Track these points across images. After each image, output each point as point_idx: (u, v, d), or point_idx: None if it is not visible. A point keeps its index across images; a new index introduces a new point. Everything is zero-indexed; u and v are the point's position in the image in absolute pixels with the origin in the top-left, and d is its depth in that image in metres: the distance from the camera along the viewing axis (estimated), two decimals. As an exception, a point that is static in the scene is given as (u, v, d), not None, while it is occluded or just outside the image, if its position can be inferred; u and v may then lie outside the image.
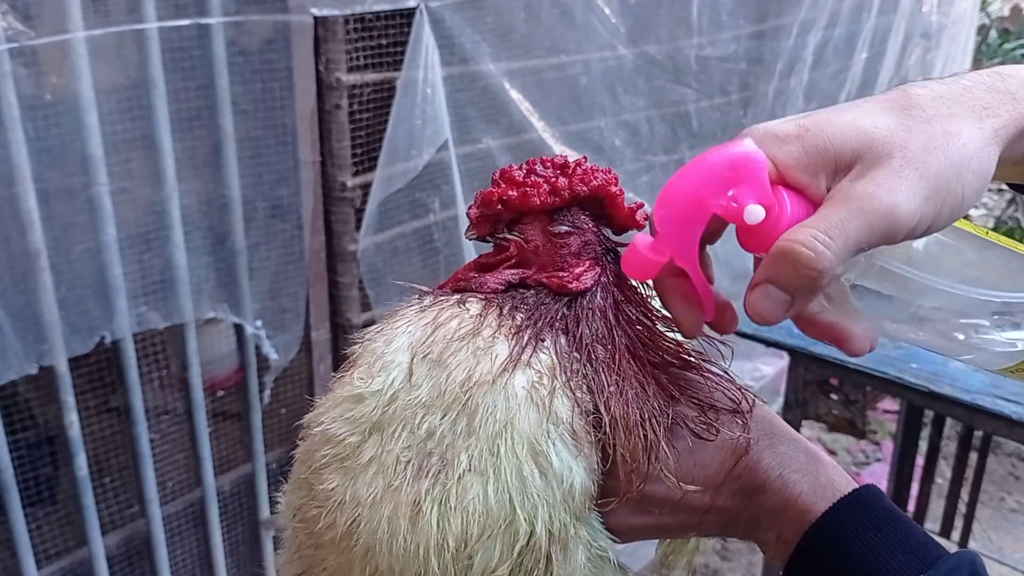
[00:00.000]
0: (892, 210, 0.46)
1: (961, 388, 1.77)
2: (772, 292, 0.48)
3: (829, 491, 0.53)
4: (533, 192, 0.55)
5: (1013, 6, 5.86)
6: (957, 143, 0.48)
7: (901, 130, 0.48)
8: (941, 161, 0.47)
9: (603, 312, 0.55)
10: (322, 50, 1.70)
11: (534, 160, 0.56)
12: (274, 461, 1.98)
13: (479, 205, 0.56)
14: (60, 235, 1.48)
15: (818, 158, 0.48)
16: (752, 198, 0.48)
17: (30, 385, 1.61)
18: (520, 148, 2.05)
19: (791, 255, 0.46)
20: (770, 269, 0.48)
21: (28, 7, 1.36)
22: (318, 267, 1.83)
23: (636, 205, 0.57)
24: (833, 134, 0.48)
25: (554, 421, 0.51)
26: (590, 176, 0.56)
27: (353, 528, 0.51)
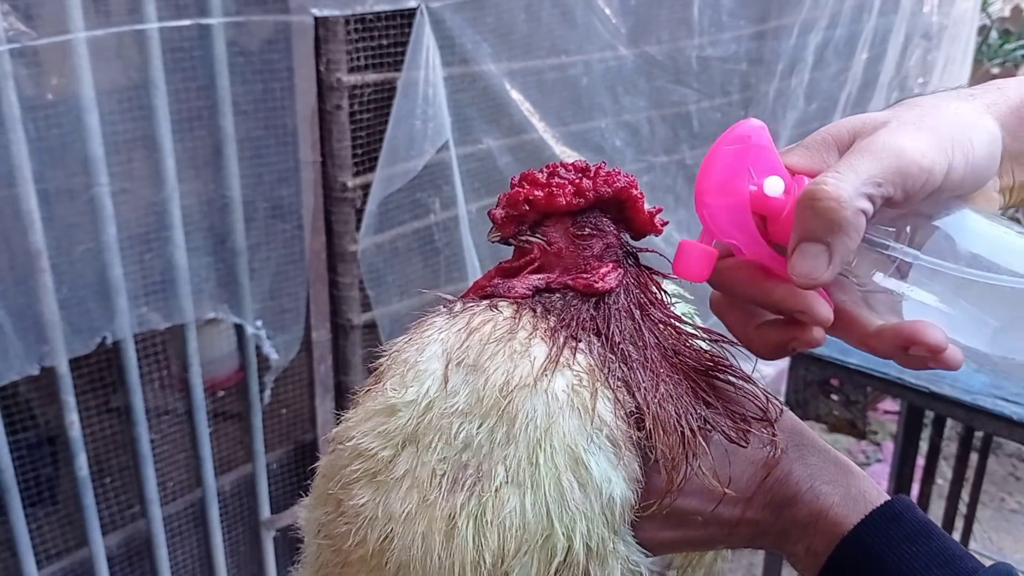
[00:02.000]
0: (898, 147, 0.47)
1: (962, 389, 1.77)
2: (807, 248, 0.47)
3: (860, 503, 0.51)
4: (559, 192, 0.54)
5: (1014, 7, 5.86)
6: (947, 109, 0.50)
7: (894, 111, 0.51)
8: (937, 119, 0.49)
9: (630, 312, 0.55)
10: (323, 50, 1.70)
11: (555, 164, 0.56)
12: (274, 461, 1.98)
13: (504, 206, 0.55)
14: (61, 235, 1.48)
15: (820, 146, 0.52)
16: (766, 172, 0.50)
17: (31, 385, 1.62)
18: (521, 148, 2.05)
19: (809, 196, 0.47)
20: (797, 226, 0.48)
21: (29, 8, 1.36)
22: (318, 267, 1.83)
23: (655, 209, 0.57)
24: (830, 127, 0.52)
25: (597, 426, 0.49)
26: (613, 178, 0.56)
27: (385, 545, 0.49)
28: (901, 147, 0.47)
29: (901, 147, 0.47)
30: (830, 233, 0.46)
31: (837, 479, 0.53)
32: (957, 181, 0.49)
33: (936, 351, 0.48)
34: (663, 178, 2.44)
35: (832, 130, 0.52)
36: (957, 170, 0.48)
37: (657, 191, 2.42)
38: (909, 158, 0.47)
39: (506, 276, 0.57)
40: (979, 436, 2.61)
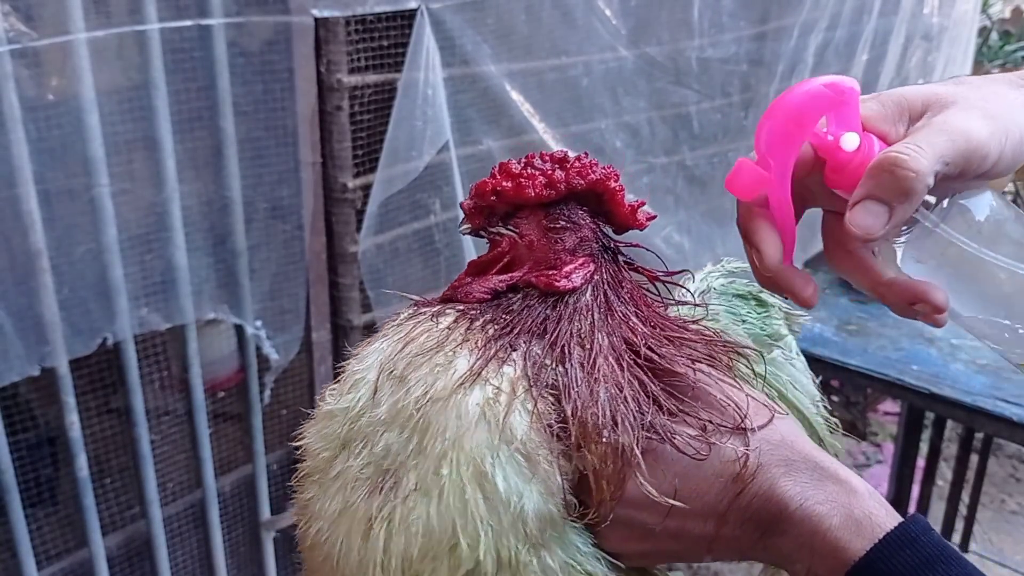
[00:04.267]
0: (967, 131, 0.51)
1: (962, 390, 1.77)
2: (871, 206, 0.50)
3: (867, 527, 0.48)
4: (528, 184, 0.54)
5: (1014, 8, 5.86)
6: (1006, 98, 0.54)
7: (959, 90, 0.54)
8: (997, 106, 0.53)
9: (589, 310, 0.54)
10: (323, 51, 1.70)
11: (533, 154, 0.55)
12: (275, 462, 1.97)
13: (472, 196, 0.56)
14: (61, 236, 1.48)
15: (894, 108, 0.54)
16: (846, 127, 0.52)
17: (31, 386, 1.62)
18: (521, 149, 2.05)
19: (889, 161, 0.50)
20: (869, 183, 0.51)
21: (30, 8, 1.36)
22: (319, 268, 1.83)
23: (638, 203, 0.57)
24: (904, 92, 0.55)
25: (506, 439, 0.49)
26: (588, 170, 0.54)
27: (319, 541, 0.52)
28: (970, 131, 0.51)
29: (970, 131, 0.51)
30: (899, 198, 0.50)
31: (835, 499, 0.49)
32: (998, 167, 0.53)
33: (939, 311, 0.53)
34: (663, 179, 2.44)
35: (908, 94, 0.55)
36: (1004, 158, 0.53)
37: (657, 192, 2.42)
38: (976, 143, 0.51)
39: (477, 272, 0.57)
40: (979, 437, 2.61)
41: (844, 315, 2.05)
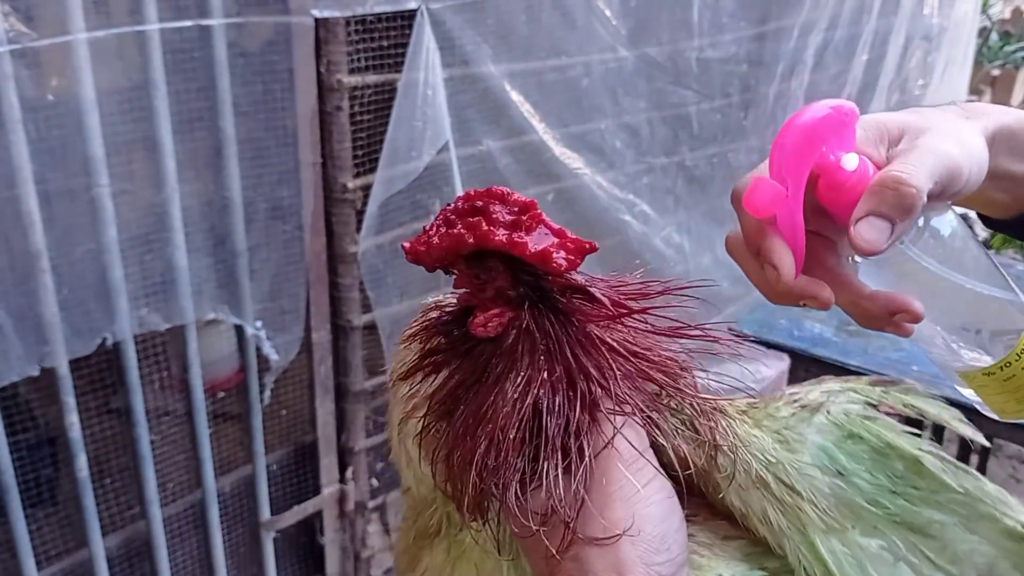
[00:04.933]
0: (950, 153, 0.55)
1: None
2: (876, 222, 0.53)
3: None
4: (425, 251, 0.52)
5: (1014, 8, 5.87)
6: (963, 128, 0.58)
7: (927, 118, 0.59)
8: (960, 134, 0.57)
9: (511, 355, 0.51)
10: (323, 52, 1.70)
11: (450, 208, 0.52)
12: (274, 463, 1.98)
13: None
14: (61, 236, 1.48)
15: (875, 132, 0.57)
16: (845, 148, 0.55)
17: (31, 386, 1.62)
18: (521, 150, 2.05)
19: (893, 179, 0.53)
20: (872, 200, 0.53)
21: (30, 8, 1.36)
22: (319, 268, 1.83)
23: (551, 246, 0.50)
24: (880, 118, 0.58)
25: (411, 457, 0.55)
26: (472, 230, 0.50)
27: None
28: (951, 153, 0.55)
29: (951, 153, 0.55)
30: (901, 214, 0.53)
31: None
32: (966, 188, 0.57)
33: (918, 319, 0.55)
34: (663, 179, 2.44)
35: (884, 120, 0.58)
36: (970, 180, 0.56)
37: (657, 192, 2.42)
38: (956, 164, 0.55)
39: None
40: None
41: (844, 315, 2.04)
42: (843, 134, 0.55)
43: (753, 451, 0.52)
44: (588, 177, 2.19)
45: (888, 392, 0.57)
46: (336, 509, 2.06)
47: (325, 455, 2.00)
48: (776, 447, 0.52)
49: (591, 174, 2.20)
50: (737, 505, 0.52)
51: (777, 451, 0.52)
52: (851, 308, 0.58)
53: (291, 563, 2.09)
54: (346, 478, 2.04)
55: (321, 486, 2.01)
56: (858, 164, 0.54)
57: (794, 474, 0.52)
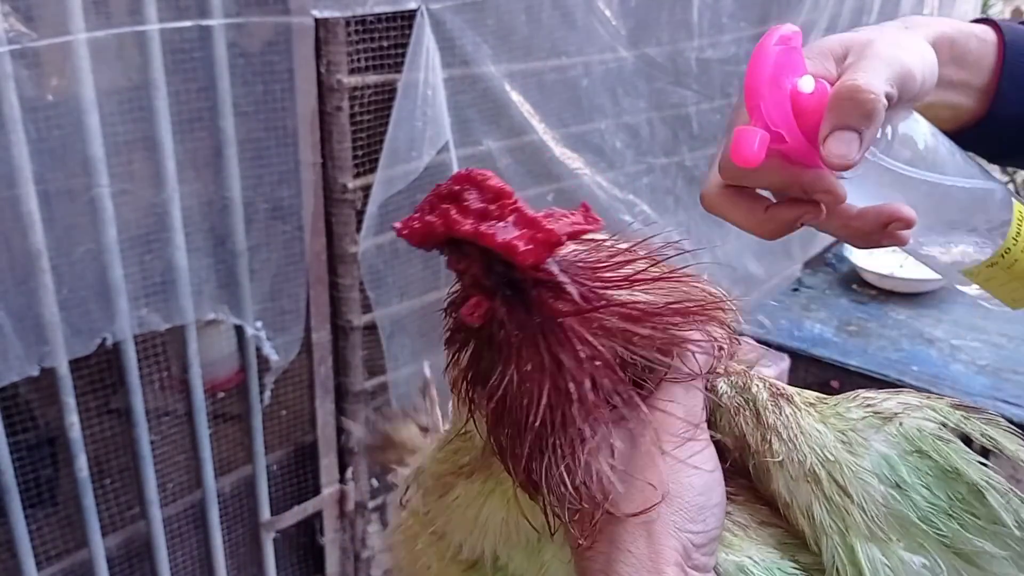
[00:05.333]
0: (899, 57, 0.56)
1: (962, 391, 1.77)
2: (842, 135, 0.54)
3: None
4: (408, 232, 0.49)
5: (1014, 9, 5.87)
6: (906, 36, 0.60)
7: (865, 33, 0.60)
8: (904, 41, 0.59)
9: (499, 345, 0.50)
10: (323, 52, 1.70)
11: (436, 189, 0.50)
12: (274, 463, 1.98)
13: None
14: (61, 236, 1.48)
15: (819, 55, 0.59)
16: (797, 73, 0.56)
17: (31, 386, 1.62)
18: (521, 150, 2.05)
19: (848, 89, 0.54)
20: (833, 115, 0.54)
21: (30, 8, 1.36)
22: (319, 269, 1.83)
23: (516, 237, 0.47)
24: (820, 41, 0.60)
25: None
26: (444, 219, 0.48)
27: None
28: (900, 57, 0.56)
29: (900, 57, 0.56)
30: (864, 122, 0.54)
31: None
32: (922, 92, 0.58)
33: (909, 225, 0.57)
34: (663, 180, 2.44)
35: (825, 42, 0.59)
36: (925, 84, 0.58)
37: (657, 193, 2.42)
38: (908, 67, 0.56)
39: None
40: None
41: (844, 316, 2.05)
42: (793, 59, 0.56)
43: (812, 444, 0.51)
44: (588, 177, 2.19)
45: (969, 418, 0.53)
46: (336, 509, 2.06)
47: (325, 455, 2.00)
48: (838, 446, 0.51)
49: (591, 174, 2.20)
50: (783, 494, 0.51)
51: (838, 450, 0.51)
52: (843, 231, 0.60)
53: (291, 563, 2.09)
54: (346, 478, 2.04)
55: (321, 486, 2.01)
56: (815, 85, 0.55)
57: (849, 476, 0.50)
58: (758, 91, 0.54)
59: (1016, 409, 1.71)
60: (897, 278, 2.11)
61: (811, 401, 0.54)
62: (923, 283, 2.12)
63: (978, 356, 1.88)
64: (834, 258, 2.31)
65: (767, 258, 2.79)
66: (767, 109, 0.54)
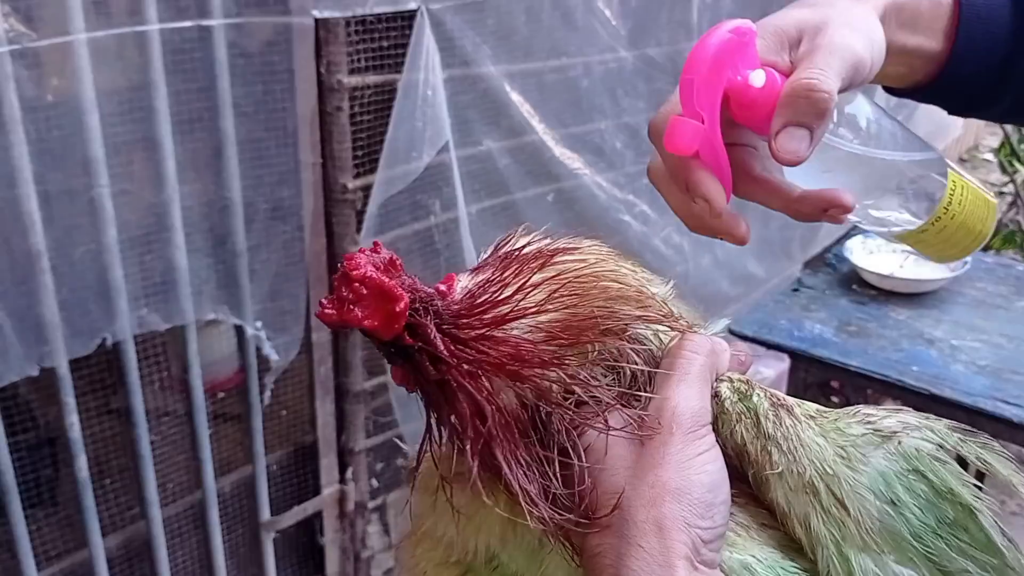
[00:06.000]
0: (851, 47, 0.57)
1: (962, 391, 1.77)
2: (794, 131, 0.54)
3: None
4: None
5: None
6: (856, 13, 0.60)
7: (818, 11, 0.60)
8: (856, 22, 0.59)
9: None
10: (323, 52, 1.70)
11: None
12: (274, 463, 1.98)
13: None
14: (61, 237, 1.48)
15: (774, 39, 0.59)
16: (749, 66, 0.56)
17: (31, 387, 1.62)
18: (521, 150, 2.05)
19: (803, 87, 0.54)
20: (786, 111, 0.55)
21: (30, 9, 1.36)
22: (319, 269, 1.83)
23: (366, 316, 0.50)
24: (775, 21, 0.60)
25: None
26: (322, 312, 0.51)
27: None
28: (852, 47, 0.57)
29: (852, 47, 0.57)
30: (816, 120, 0.54)
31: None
32: (872, 71, 0.59)
33: (848, 211, 0.58)
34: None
35: (780, 23, 0.59)
36: (875, 66, 0.59)
37: (656, 193, 2.42)
38: (859, 57, 0.57)
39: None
40: (979, 438, 2.61)
41: (844, 316, 2.05)
42: (745, 53, 0.56)
43: (812, 457, 0.52)
44: (588, 177, 2.19)
45: (965, 441, 0.54)
46: (336, 509, 2.06)
47: (325, 455, 2.00)
48: (837, 460, 0.52)
49: (591, 174, 2.20)
50: (780, 503, 0.52)
51: (837, 464, 0.52)
52: (785, 210, 0.60)
53: (291, 563, 2.09)
54: (346, 478, 2.04)
55: (321, 486, 2.01)
56: (765, 79, 0.56)
57: (847, 490, 0.51)
58: (695, 67, 0.54)
59: (1016, 409, 1.71)
60: (897, 278, 2.11)
61: (811, 413, 0.55)
62: (923, 283, 2.12)
63: (978, 356, 1.87)
64: (834, 258, 2.31)
65: (767, 258, 2.79)
66: (698, 89, 0.54)
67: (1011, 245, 3.81)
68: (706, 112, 0.54)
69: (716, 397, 0.53)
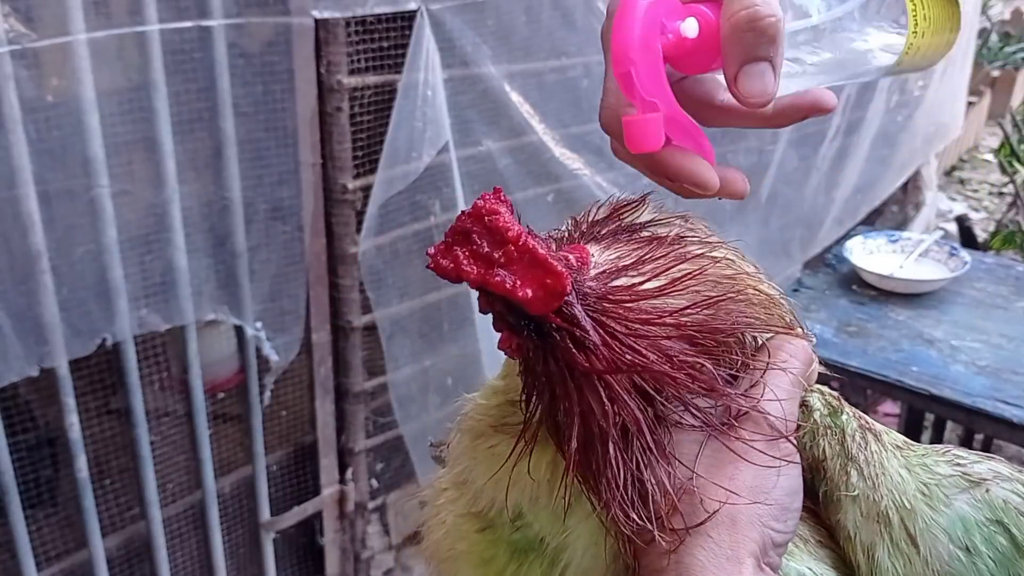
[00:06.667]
0: None
1: (962, 391, 1.77)
2: (752, 68, 0.48)
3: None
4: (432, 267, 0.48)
5: (1014, 9, 5.86)
6: None
7: None
8: None
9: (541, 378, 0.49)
10: (323, 52, 1.70)
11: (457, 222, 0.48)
12: (274, 463, 1.98)
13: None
14: (61, 237, 1.48)
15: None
16: (674, 17, 0.49)
17: (31, 387, 1.62)
18: (521, 151, 2.05)
19: (746, 19, 0.47)
20: (738, 49, 0.48)
21: (30, 9, 1.36)
22: (319, 269, 1.83)
23: (520, 285, 0.45)
24: None
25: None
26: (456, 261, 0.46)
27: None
28: None
29: None
30: (772, 48, 0.47)
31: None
32: None
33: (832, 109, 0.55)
34: (663, 180, 2.44)
35: None
36: None
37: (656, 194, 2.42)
38: None
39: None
40: (979, 439, 2.61)
41: (844, 316, 2.05)
42: (667, 5, 0.49)
43: (892, 487, 0.50)
44: (588, 178, 2.19)
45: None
46: (336, 510, 2.06)
47: (325, 456, 2.00)
48: (917, 496, 0.51)
49: (591, 175, 2.20)
50: (847, 527, 0.50)
51: (916, 500, 0.50)
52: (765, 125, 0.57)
53: (291, 564, 2.09)
54: (346, 479, 2.04)
55: (321, 487, 2.01)
56: (698, 26, 0.49)
57: (922, 527, 0.50)
58: (627, 56, 0.47)
59: (1016, 410, 1.71)
60: (897, 279, 2.11)
61: (898, 444, 0.53)
62: (923, 283, 2.12)
63: (978, 357, 1.87)
64: (834, 258, 2.31)
65: (767, 258, 2.79)
66: (640, 77, 0.47)
67: (1011, 245, 3.81)
68: (657, 96, 0.48)
69: (805, 407, 0.52)
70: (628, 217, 0.53)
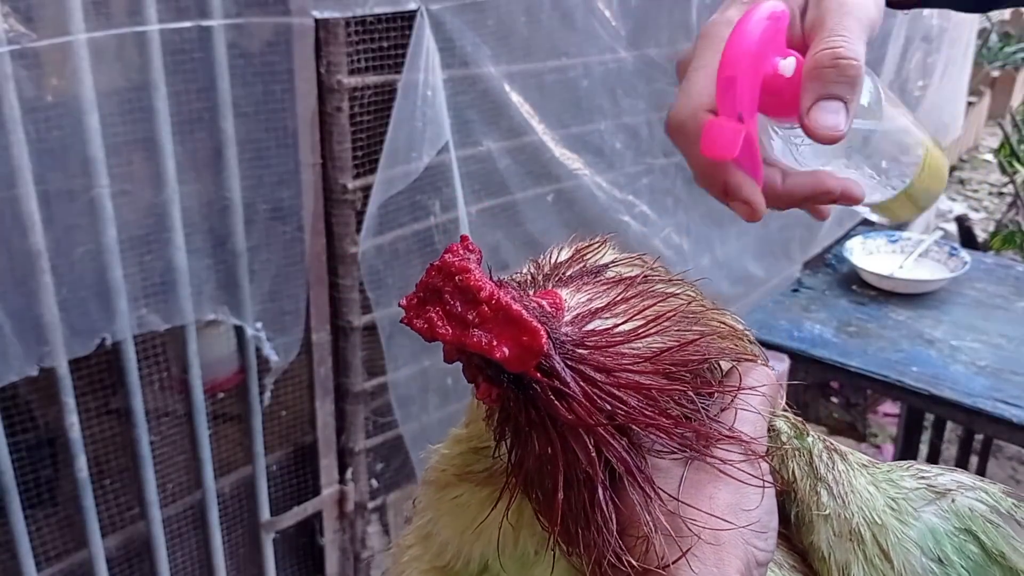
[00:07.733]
0: (864, 7, 0.54)
1: (962, 391, 1.77)
2: (828, 105, 0.51)
3: None
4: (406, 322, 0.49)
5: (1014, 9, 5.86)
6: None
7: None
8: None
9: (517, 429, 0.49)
10: (323, 52, 1.70)
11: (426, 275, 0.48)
12: (274, 463, 1.98)
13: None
14: (61, 237, 1.48)
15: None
16: (780, 55, 0.53)
17: (30, 387, 1.62)
18: (520, 151, 2.05)
19: (830, 57, 0.51)
20: (816, 85, 0.51)
21: (30, 9, 1.36)
22: (319, 269, 1.83)
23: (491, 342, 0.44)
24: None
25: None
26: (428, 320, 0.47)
27: None
28: (865, 6, 0.54)
29: (865, 6, 0.54)
30: (849, 89, 0.51)
31: None
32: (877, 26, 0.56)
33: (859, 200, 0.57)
34: (662, 180, 2.44)
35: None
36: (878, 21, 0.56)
37: (656, 193, 2.42)
38: (872, 15, 0.54)
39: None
40: (979, 439, 2.61)
41: (844, 316, 2.05)
42: (778, 39, 0.52)
43: (862, 504, 0.51)
44: (588, 178, 2.19)
45: (1020, 506, 0.53)
46: (336, 510, 2.06)
47: (325, 456, 2.00)
48: (887, 511, 0.51)
49: (591, 175, 2.20)
50: (821, 548, 0.50)
51: (886, 515, 0.51)
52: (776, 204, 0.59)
53: (291, 564, 2.09)
54: (346, 479, 2.04)
55: (321, 487, 2.01)
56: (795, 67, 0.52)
57: (894, 542, 0.50)
58: (739, 64, 0.50)
59: (1016, 410, 1.71)
60: (897, 279, 2.11)
61: (863, 463, 0.54)
62: (923, 284, 2.12)
63: (978, 357, 1.88)
64: (834, 259, 2.31)
65: (767, 258, 2.79)
66: (740, 88, 0.50)
67: (1011, 245, 3.81)
68: (746, 112, 0.50)
69: (773, 430, 0.52)
70: (591, 258, 0.53)
